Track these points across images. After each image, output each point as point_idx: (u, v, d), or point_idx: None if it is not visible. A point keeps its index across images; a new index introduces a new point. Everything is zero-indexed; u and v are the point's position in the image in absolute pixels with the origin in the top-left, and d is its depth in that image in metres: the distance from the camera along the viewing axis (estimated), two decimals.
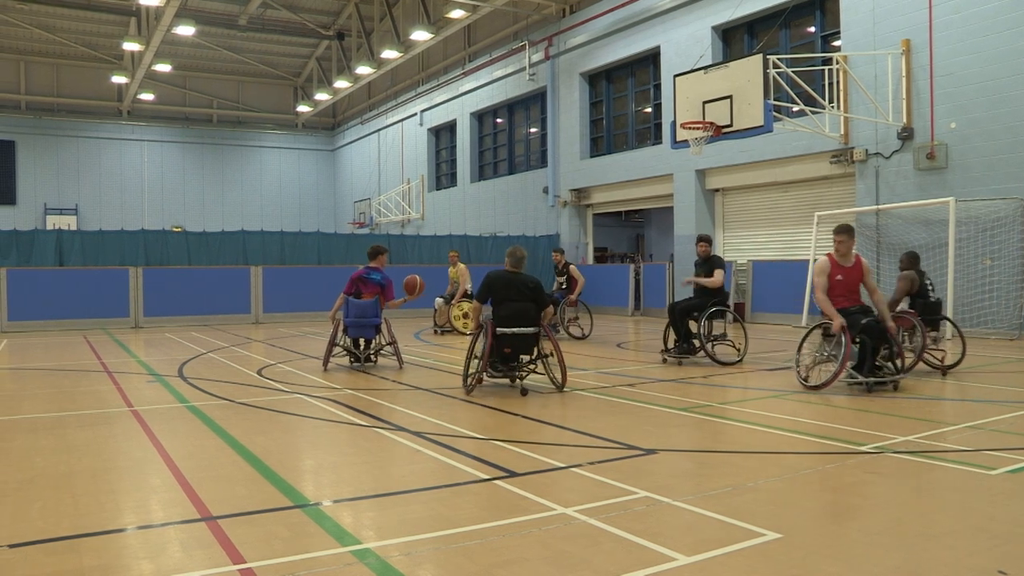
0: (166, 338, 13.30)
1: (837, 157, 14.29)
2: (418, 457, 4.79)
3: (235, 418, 6.03)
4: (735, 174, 16.65)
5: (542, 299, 7.07)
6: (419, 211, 28.43)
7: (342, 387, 7.64)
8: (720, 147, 15.72)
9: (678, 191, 17.71)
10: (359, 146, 33.51)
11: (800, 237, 15.67)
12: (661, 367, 8.83)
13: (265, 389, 7.53)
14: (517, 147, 24.62)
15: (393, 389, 7.61)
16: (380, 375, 8.44)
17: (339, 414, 6.18)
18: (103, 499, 3.90)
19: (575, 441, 5.22)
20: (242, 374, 8.61)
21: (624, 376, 8.27)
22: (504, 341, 7.00)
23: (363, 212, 32.06)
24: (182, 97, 32.89)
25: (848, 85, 13.80)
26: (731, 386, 7.60)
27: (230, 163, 33.73)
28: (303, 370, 8.97)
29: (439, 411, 6.29)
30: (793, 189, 15.84)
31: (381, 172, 31.54)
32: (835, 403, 6.51)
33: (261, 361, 9.91)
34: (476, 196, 25.31)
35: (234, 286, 17.04)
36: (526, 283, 7.02)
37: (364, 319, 9.02)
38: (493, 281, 7.06)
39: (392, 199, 30.11)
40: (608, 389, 7.37)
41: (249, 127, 34.16)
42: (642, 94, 19.62)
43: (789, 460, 4.61)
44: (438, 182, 28.51)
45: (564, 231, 21.50)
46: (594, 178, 20.38)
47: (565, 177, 21.33)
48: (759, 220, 16.70)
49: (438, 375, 8.66)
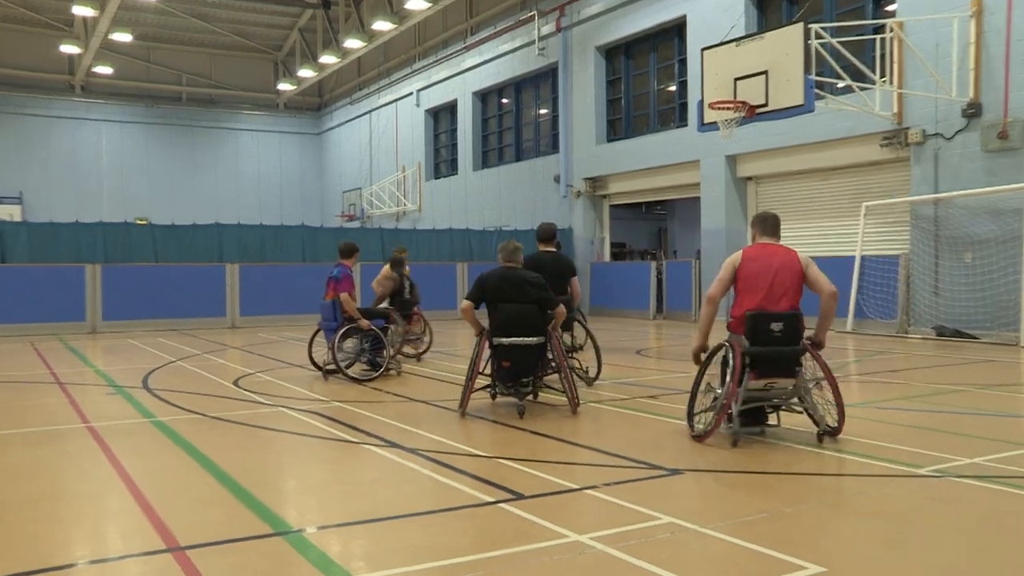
0: (128, 345, 13.33)
1: (889, 139, 14.19)
2: (413, 477, 4.77)
3: (208, 434, 6.03)
4: (770, 160, 16.61)
5: (548, 299, 6.71)
6: (416, 202, 28.46)
7: (329, 399, 7.64)
8: (753, 130, 15.65)
9: (706, 179, 17.67)
10: (348, 129, 33.59)
11: (845, 231, 15.61)
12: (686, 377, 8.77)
13: (242, 401, 7.53)
14: (525, 131, 24.61)
15: (385, 401, 7.60)
16: (372, 386, 8.44)
17: (325, 429, 6.18)
18: (51, 529, 3.86)
19: (589, 459, 5.19)
20: (216, 385, 8.62)
21: (644, 387, 8.24)
22: (502, 354, 6.64)
23: (353, 203, 32.12)
24: (145, 71, 32.66)
25: (904, 56, 13.62)
26: None
27: (202, 147, 33.73)
28: (285, 380, 8.97)
29: (437, 426, 6.27)
30: (837, 176, 15.77)
31: (373, 159, 31.60)
32: (888, 419, 6.47)
33: (238, 370, 9.92)
34: (479, 185, 25.32)
35: (207, 286, 17.09)
36: (526, 279, 6.65)
37: (326, 323, 9.13)
38: (486, 278, 6.78)
39: (385, 189, 30.17)
40: (626, 401, 7.34)
41: (223, 107, 34.17)
42: (665, 70, 19.57)
43: (834, 483, 4.57)
44: (437, 170, 28.51)
45: (577, 224, 21.49)
46: (611, 165, 20.37)
47: (579, 164, 21.32)
48: (797, 212, 16.63)
49: (436, 386, 8.64)
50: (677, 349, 12.60)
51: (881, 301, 14.05)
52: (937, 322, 13.20)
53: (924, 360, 10.41)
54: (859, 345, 12.35)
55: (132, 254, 17.18)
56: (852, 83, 12.88)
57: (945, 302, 13.20)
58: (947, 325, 13.01)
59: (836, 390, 5.58)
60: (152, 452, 5.46)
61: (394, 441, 5.68)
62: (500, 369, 6.76)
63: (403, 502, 4.27)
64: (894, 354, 11.14)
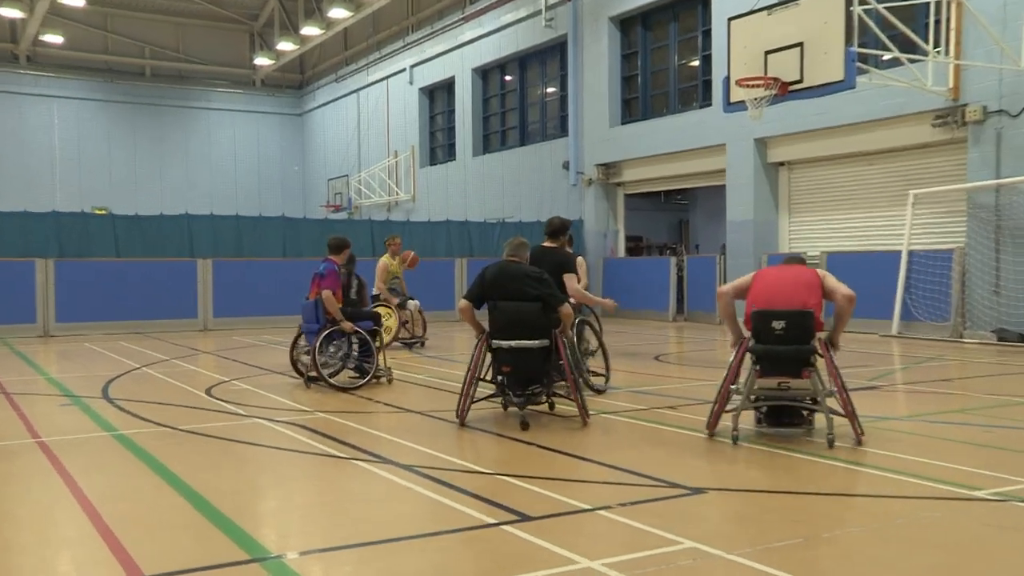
0: (86, 349, 13.36)
1: (943, 118, 14.11)
2: (407, 496, 4.78)
3: (177, 450, 6.04)
4: (805, 143, 16.59)
5: (553, 296, 6.72)
6: (409, 191, 28.49)
7: (313, 409, 7.65)
8: (786, 109, 15.63)
9: (732, 165, 17.67)
10: (333, 110, 33.65)
11: (890, 222, 15.59)
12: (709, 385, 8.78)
13: (215, 412, 7.55)
14: (531, 112, 24.61)
15: (375, 412, 7.60)
16: (360, 395, 8.45)
17: (309, 443, 6.19)
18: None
19: (602, 476, 5.20)
20: (186, 394, 8.63)
21: (663, 396, 8.24)
22: (502, 358, 6.68)
23: (339, 192, 32.16)
24: (103, 42, 32.45)
25: (963, 21, 13.48)
26: None
27: (170, 129, 33.74)
28: (264, 388, 8.97)
29: (433, 439, 6.28)
30: (881, 161, 15.76)
31: (362, 143, 31.64)
32: (941, 434, 6.46)
33: (211, 378, 9.94)
34: (480, 173, 25.33)
35: (176, 284, 17.10)
36: (527, 274, 6.71)
37: (306, 325, 9.18)
38: (485, 273, 6.86)
39: (375, 176, 30.21)
40: (643, 412, 7.35)
41: (193, 83, 34.20)
42: (688, 43, 19.56)
43: (878, 506, 4.56)
44: (433, 155, 28.52)
45: (589, 216, 21.49)
46: (627, 150, 20.37)
47: (590, 149, 21.33)
48: (836, 202, 16.61)
49: (432, 395, 8.64)
50: (700, 354, 12.59)
51: (932, 301, 14.04)
52: (998, 325, 13.17)
53: (982, 368, 10.40)
54: (907, 351, 12.34)
55: (90, 248, 17.18)
56: (900, 55, 12.83)
57: (1007, 302, 13.16)
58: (1010, 328, 12.98)
59: (843, 395, 5.95)
60: (113, 470, 5.47)
61: (385, 456, 5.69)
62: (501, 375, 6.78)
63: (395, 524, 4.28)
64: (947, 361, 11.13)
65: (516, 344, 6.65)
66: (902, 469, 5.25)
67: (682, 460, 5.63)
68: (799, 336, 5.91)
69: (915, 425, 6.77)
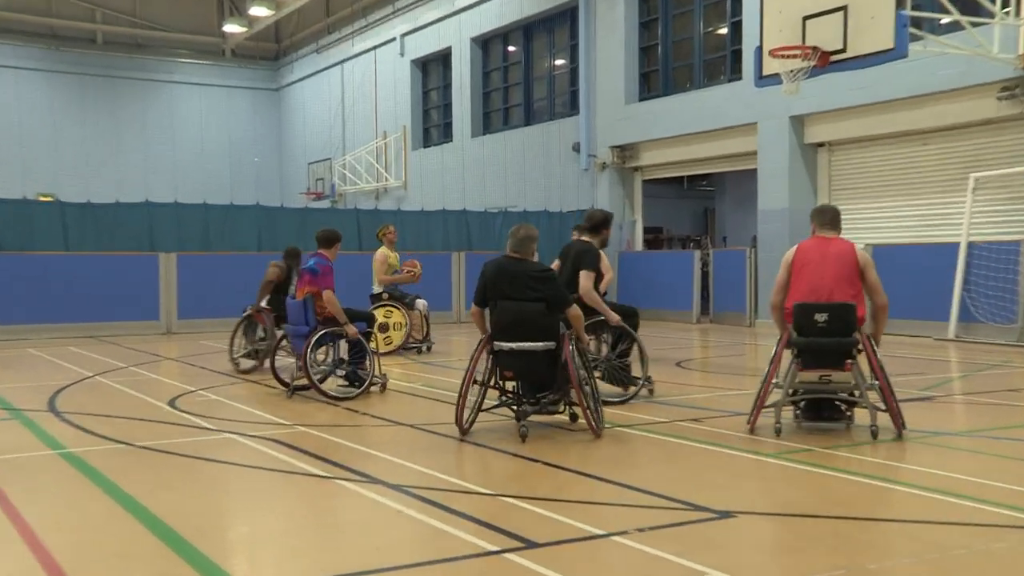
0: (30, 356, 13.34)
1: (1010, 90, 14.04)
2: (398, 521, 4.76)
3: (134, 469, 6.01)
4: (848, 121, 16.57)
5: (557, 296, 6.80)
6: (400, 177, 28.53)
7: (291, 422, 7.64)
8: (827, 83, 15.59)
9: (764, 147, 17.65)
10: (315, 84, 33.69)
11: (946, 210, 15.55)
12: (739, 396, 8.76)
13: (180, 427, 7.54)
14: (537, 87, 24.60)
15: (363, 425, 7.59)
16: (345, 406, 8.45)
17: (287, 460, 6.18)
18: None
19: (618, 498, 5.18)
20: (146, 406, 8.61)
21: (686, 407, 8.25)
22: (503, 362, 6.80)
23: (321, 178, 32.23)
24: (46, 3, 32.10)
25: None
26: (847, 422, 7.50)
27: (126, 104, 33.58)
28: (236, 399, 8.97)
29: (427, 456, 6.28)
30: (937, 140, 15.71)
31: (346, 122, 31.67)
32: (1005, 451, 6.42)
33: (175, 387, 9.94)
34: (479, 156, 25.34)
35: (134, 282, 17.06)
36: (528, 272, 6.80)
37: (292, 327, 9.20)
38: (486, 272, 6.96)
39: (362, 160, 30.24)
40: (664, 425, 7.34)
41: (153, 53, 34.07)
42: (715, 8, 19.54)
43: (932, 533, 4.53)
44: (426, 137, 28.53)
45: (603, 204, 21.42)
46: (645, 130, 20.35)
47: (604, 129, 21.31)
48: (883, 187, 16.58)
49: (428, 405, 8.63)
50: (727, 360, 12.58)
51: (995, 300, 13.98)
52: None
53: None
54: (966, 356, 12.30)
55: (33, 240, 17.14)
56: (961, 17, 12.75)
57: None
58: None
59: (886, 389, 6.60)
60: (60, 494, 5.44)
61: (372, 475, 5.67)
62: (503, 380, 6.86)
63: (383, 552, 4.26)
64: (1013, 368, 11.09)
65: (518, 346, 6.71)
66: (960, 491, 5.21)
67: (708, 480, 5.61)
68: (841, 328, 6.59)
69: (975, 441, 6.74)
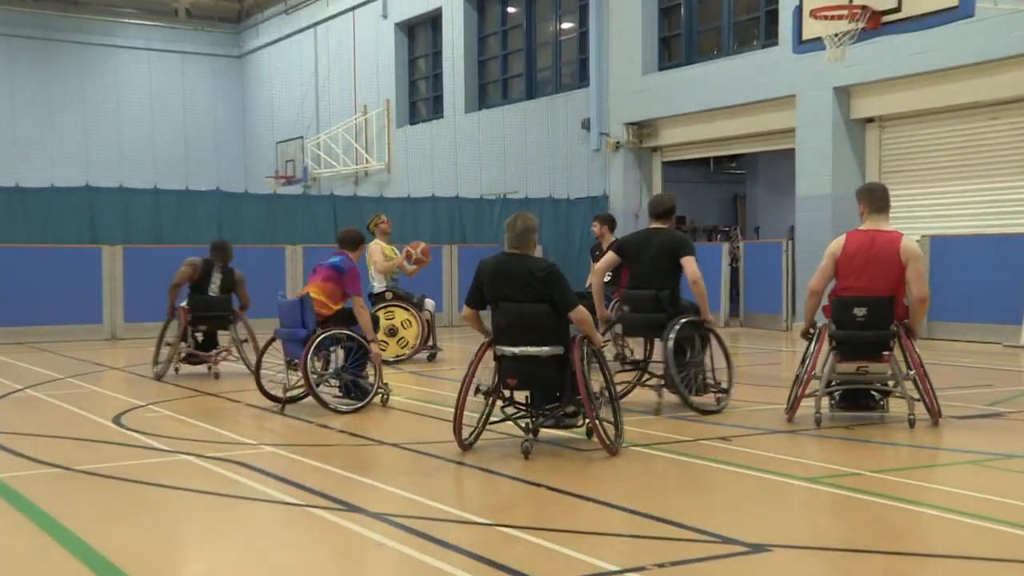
0: None
1: None
2: (380, 556, 4.74)
3: (72, 497, 5.99)
4: (902, 92, 16.51)
5: (562, 296, 6.86)
6: (383, 158, 28.48)
7: (257, 442, 7.62)
8: (878, 48, 15.56)
9: (803, 123, 17.62)
10: (283, 51, 33.62)
11: (1017, 195, 15.55)
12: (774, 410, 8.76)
13: (126, 448, 7.49)
14: (541, 55, 24.54)
15: (343, 444, 7.56)
16: (320, 423, 8.41)
17: (251, 486, 6.16)
18: None
19: (634, 528, 5.17)
20: (87, 424, 8.57)
21: (713, 424, 8.23)
22: (506, 368, 6.93)
23: (291, 159, 32.13)
24: None
25: None
26: (891, 443, 7.50)
27: (62, 72, 33.21)
28: (193, 415, 8.94)
29: (415, 479, 6.26)
30: (1008, 114, 15.67)
31: (321, 95, 31.62)
32: None
33: (120, 402, 9.89)
34: (474, 135, 25.29)
35: (73, 279, 16.99)
36: (531, 270, 6.88)
37: (286, 330, 9.20)
38: (483, 270, 7.07)
39: (339, 139, 30.21)
40: (688, 445, 7.33)
41: (94, 11, 33.77)
42: None
43: (997, 570, 4.51)
44: (413, 112, 28.47)
45: (616, 190, 21.47)
46: (665, 104, 20.30)
47: (618, 103, 21.27)
48: (943, 168, 16.52)
49: (415, 422, 8.62)
50: (760, 370, 12.54)
51: None
52: None
53: None
54: None
55: None
56: None
57: None
58: None
59: (923, 380, 7.69)
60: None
61: (352, 503, 5.66)
62: (507, 388, 6.94)
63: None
64: None
65: (521, 351, 6.80)
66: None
67: (738, 507, 5.59)
68: (879, 322, 7.64)
69: None
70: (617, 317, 9.01)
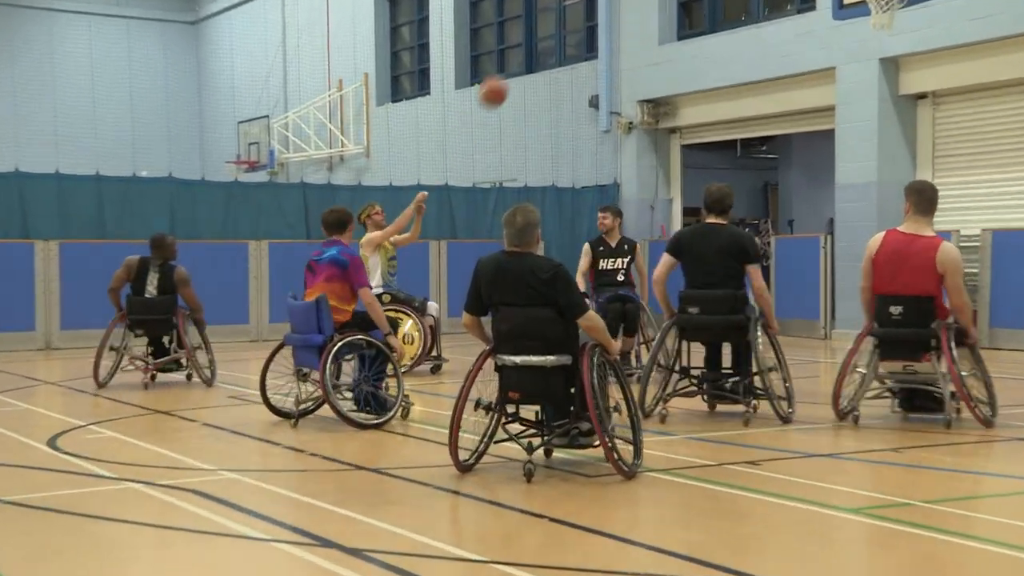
0: None
1: None
2: None
3: (2, 532, 5.97)
4: (959, 64, 16.49)
5: (569, 300, 6.94)
6: (361, 141, 28.49)
7: (214, 466, 7.59)
8: (931, 13, 15.57)
9: (845, 100, 17.62)
10: (246, 16, 33.58)
11: None
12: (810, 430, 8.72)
13: (63, 475, 7.45)
14: (542, 22, 24.55)
15: (316, 470, 7.54)
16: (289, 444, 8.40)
17: (208, 517, 6.14)
18: None
19: (652, 566, 5.16)
20: (18, 448, 8.55)
21: (740, 446, 8.24)
22: (507, 379, 7.00)
23: (255, 142, 32.18)
24: None
25: None
26: (950, 469, 7.47)
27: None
28: (142, 437, 8.91)
29: (398, 510, 6.26)
30: None
31: (289, 68, 31.60)
32: None
33: (57, 422, 9.86)
34: (466, 114, 25.25)
35: (1, 280, 16.93)
36: (532, 270, 6.94)
37: (300, 336, 9.26)
38: (481, 271, 7.15)
39: (310, 118, 30.19)
40: (712, 470, 7.33)
41: None
42: None
43: None
44: (395, 88, 28.48)
45: (628, 177, 21.50)
46: (685, 79, 20.28)
47: (631, 78, 21.26)
48: (1008, 151, 16.49)
49: (409, 444, 8.64)
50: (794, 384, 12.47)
51: None
52: None
53: None
54: None
55: None
56: None
57: None
58: None
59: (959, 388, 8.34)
60: None
61: (326, 536, 5.64)
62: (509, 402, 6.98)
63: None
64: None
65: (523, 361, 6.86)
66: None
67: (772, 542, 5.58)
68: (917, 320, 8.45)
69: None
70: (679, 319, 9.22)
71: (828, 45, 17.49)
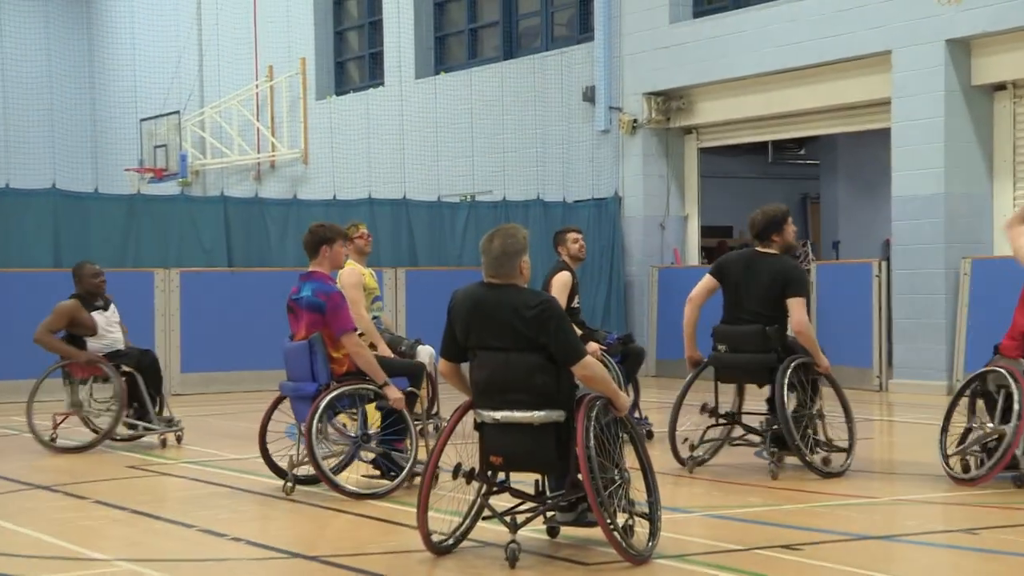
0: None
1: None
2: None
3: None
4: None
5: (561, 343, 6.92)
6: (296, 144, 28.60)
7: (112, 556, 7.56)
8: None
9: (903, 92, 17.73)
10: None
11: None
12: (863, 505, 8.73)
13: None
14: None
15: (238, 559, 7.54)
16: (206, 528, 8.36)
17: None
18: None
19: None
20: None
21: (774, 525, 8.28)
22: (489, 440, 7.04)
23: (162, 145, 32.16)
24: None
25: None
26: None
27: None
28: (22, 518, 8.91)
29: None
30: None
31: (206, 52, 31.70)
32: None
33: None
34: (430, 110, 25.40)
35: None
36: (516, 307, 6.95)
37: (291, 384, 9.49)
38: (455, 308, 7.22)
39: (233, 115, 30.34)
40: (741, 556, 7.30)
41: None
42: None
43: None
44: (340, 77, 28.63)
45: (632, 188, 21.59)
46: (703, 66, 20.44)
47: (635, 65, 21.42)
48: None
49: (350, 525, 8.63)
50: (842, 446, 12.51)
51: None
52: None
53: None
54: None
55: None
56: None
57: None
58: None
59: None
60: None
61: None
62: (491, 469, 7.00)
63: None
64: None
65: (504, 417, 6.87)
66: None
67: None
68: None
69: None
70: (711, 357, 9.85)
71: (882, 23, 17.61)
